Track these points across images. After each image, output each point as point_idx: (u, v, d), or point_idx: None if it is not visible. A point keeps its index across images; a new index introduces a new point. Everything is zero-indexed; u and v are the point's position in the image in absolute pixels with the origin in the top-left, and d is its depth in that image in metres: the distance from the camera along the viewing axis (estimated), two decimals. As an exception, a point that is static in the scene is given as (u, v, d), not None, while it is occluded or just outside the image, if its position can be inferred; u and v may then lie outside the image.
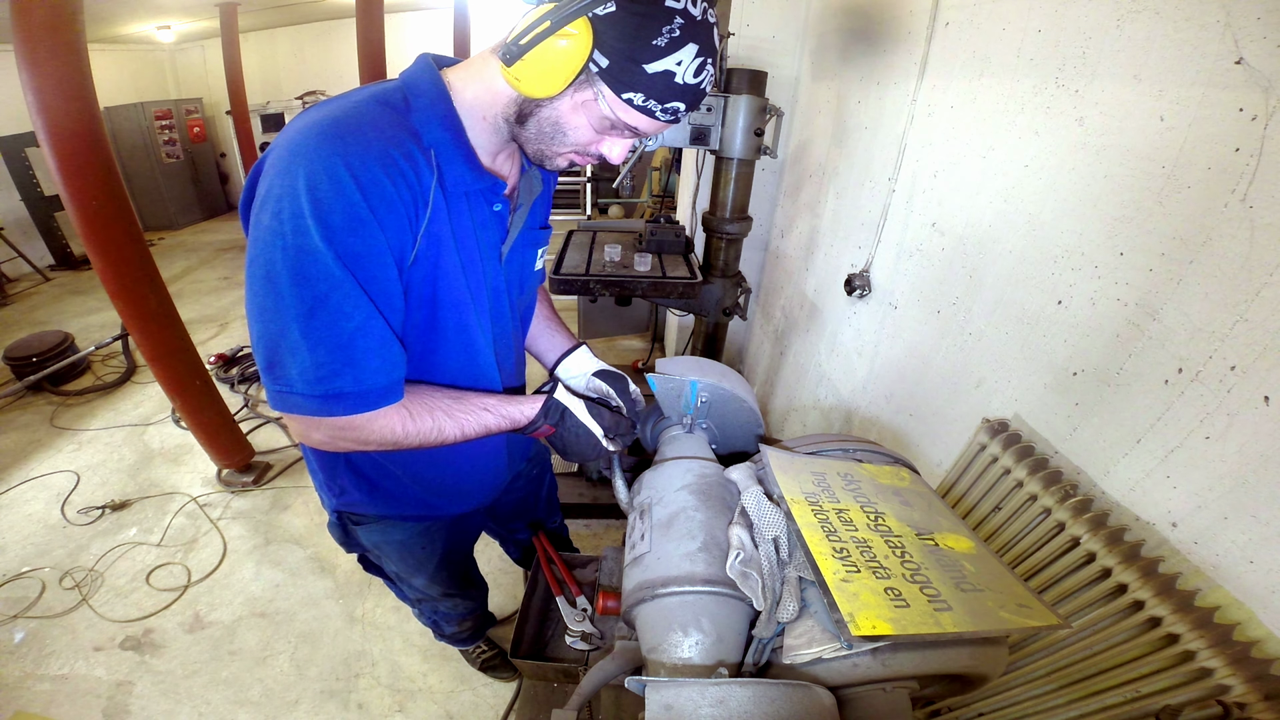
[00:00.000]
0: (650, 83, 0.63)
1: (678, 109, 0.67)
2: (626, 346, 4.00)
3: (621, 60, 0.62)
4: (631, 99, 0.65)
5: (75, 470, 2.72)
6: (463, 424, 0.82)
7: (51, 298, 4.77)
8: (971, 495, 1.25)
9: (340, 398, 0.68)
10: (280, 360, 0.66)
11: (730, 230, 1.92)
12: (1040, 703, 1.08)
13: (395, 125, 0.68)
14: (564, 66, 0.63)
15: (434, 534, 1.19)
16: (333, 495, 1.06)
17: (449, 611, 1.50)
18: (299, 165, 0.62)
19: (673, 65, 0.62)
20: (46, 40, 1.70)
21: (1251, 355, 0.80)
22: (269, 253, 0.63)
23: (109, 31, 5.67)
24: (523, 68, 0.64)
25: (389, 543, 1.16)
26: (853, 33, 2.00)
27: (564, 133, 0.71)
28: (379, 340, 0.69)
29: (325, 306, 0.64)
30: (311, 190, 0.61)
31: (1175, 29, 0.89)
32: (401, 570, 1.27)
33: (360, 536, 1.14)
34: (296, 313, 0.64)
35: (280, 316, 0.64)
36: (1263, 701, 0.76)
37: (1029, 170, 1.19)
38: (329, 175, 0.61)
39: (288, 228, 0.62)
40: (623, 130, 0.71)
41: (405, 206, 0.68)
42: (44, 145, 1.81)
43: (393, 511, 1.09)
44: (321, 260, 0.63)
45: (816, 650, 0.58)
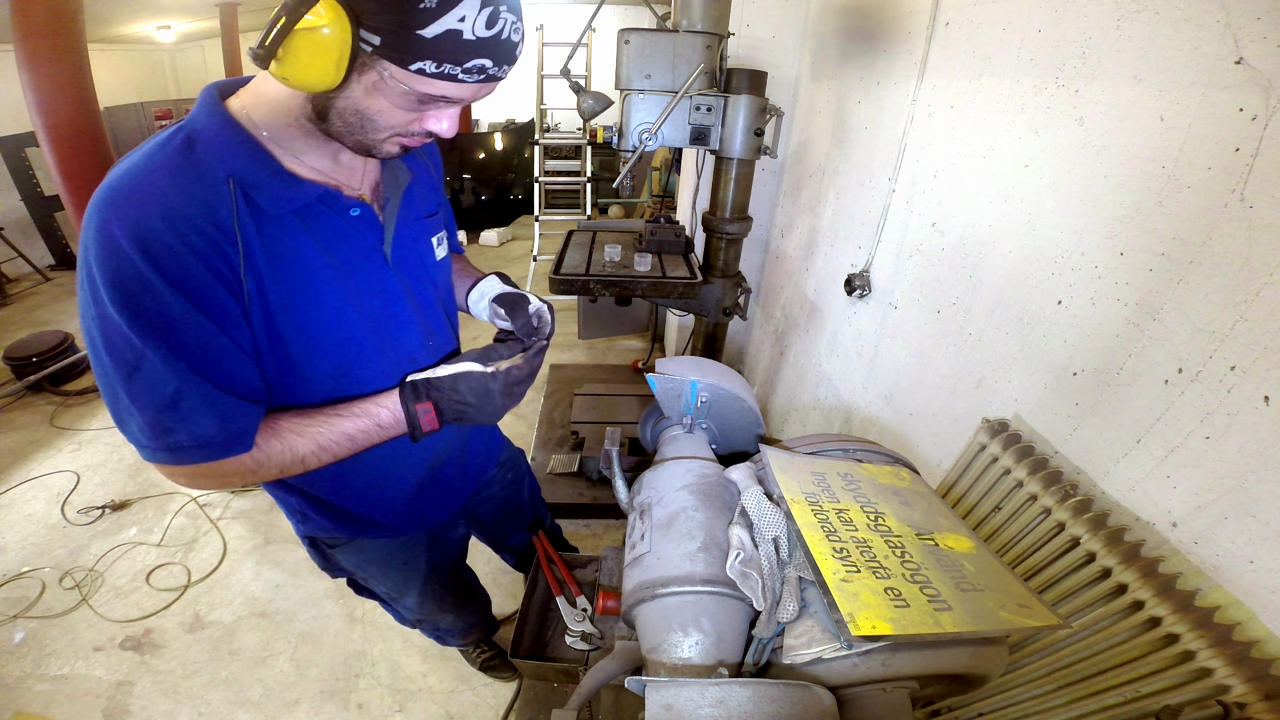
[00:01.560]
0: (436, 47, 0.58)
1: (484, 65, 0.61)
2: (626, 346, 4.00)
3: (395, 32, 0.57)
4: (423, 68, 0.59)
5: (75, 470, 2.72)
6: (316, 437, 0.77)
7: (51, 298, 4.77)
8: (971, 495, 1.25)
9: (181, 450, 0.68)
10: (122, 418, 0.68)
11: (730, 230, 1.92)
12: (1040, 703, 1.08)
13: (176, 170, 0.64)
14: (326, 54, 0.57)
15: (412, 549, 1.16)
16: (298, 522, 1.04)
17: (451, 627, 1.49)
18: (88, 237, 0.61)
19: (455, 23, 0.57)
20: (46, 40, 1.71)
21: (1251, 355, 0.80)
22: (85, 322, 0.64)
23: (109, 31, 5.67)
24: (284, 68, 0.59)
25: (368, 563, 1.14)
26: (853, 33, 2.00)
27: (370, 119, 0.66)
28: (203, 400, 0.67)
29: (139, 373, 0.64)
30: (98, 262, 0.60)
31: (1175, 29, 0.89)
32: (390, 590, 1.24)
33: (339, 560, 1.12)
34: (119, 378, 0.64)
35: (108, 380, 0.65)
36: (1263, 701, 0.76)
37: (1029, 170, 1.19)
38: (109, 245, 0.60)
39: (89, 297, 0.62)
40: (436, 101, 0.65)
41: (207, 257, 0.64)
42: (44, 145, 1.81)
43: (360, 531, 1.06)
44: (124, 331, 0.62)
45: (816, 650, 0.58)
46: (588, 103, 1.66)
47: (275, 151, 0.70)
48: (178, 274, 0.63)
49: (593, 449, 2.55)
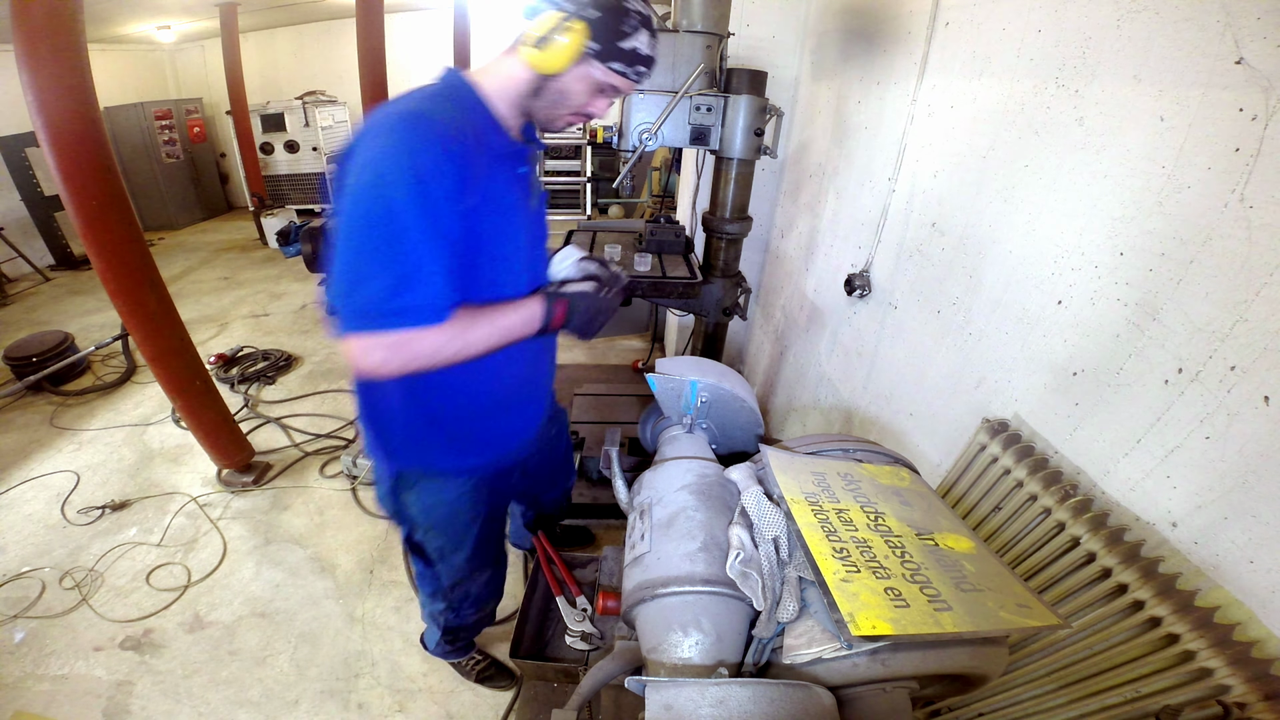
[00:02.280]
0: (625, 55, 0.93)
1: (642, 71, 0.97)
2: (626, 346, 4.00)
3: (608, 43, 0.91)
4: (613, 67, 0.94)
5: (75, 470, 2.72)
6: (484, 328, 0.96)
7: (51, 298, 4.77)
8: (971, 495, 1.25)
9: (404, 312, 0.84)
10: (360, 282, 0.83)
11: (730, 230, 1.91)
12: (1040, 703, 1.08)
13: (453, 113, 0.89)
14: (567, 51, 0.90)
15: (479, 492, 1.27)
16: (390, 460, 1.16)
17: (480, 591, 1.48)
18: (399, 139, 0.82)
19: (637, 42, 0.93)
20: (46, 40, 1.70)
21: (1251, 355, 0.80)
22: (366, 202, 0.82)
23: (109, 31, 5.67)
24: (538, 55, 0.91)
25: (440, 504, 1.23)
26: (853, 33, 2.00)
27: (568, 98, 0.97)
28: (441, 268, 0.86)
29: (403, 241, 0.82)
30: (411, 156, 0.81)
31: (1175, 29, 0.89)
32: (446, 543, 1.32)
33: (411, 504, 1.22)
34: (383, 244, 0.82)
35: (366, 246, 0.83)
36: (1263, 701, 0.76)
37: (1029, 170, 1.19)
38: (425, 147, 0.82)
39: (389, 180, 0.81)
40: (607, 91, 0.98)
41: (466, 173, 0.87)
42: (44, 145, 1.80)
43: (448, 463, 1.19)
44: (409, 207, 0.81)
45: (816, 650, 0.58)
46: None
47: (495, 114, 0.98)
48: (458, 177, 0.86)
49: (593, 449, 2.56)
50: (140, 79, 6.81)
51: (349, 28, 4.38)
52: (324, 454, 2.87)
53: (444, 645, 1.69)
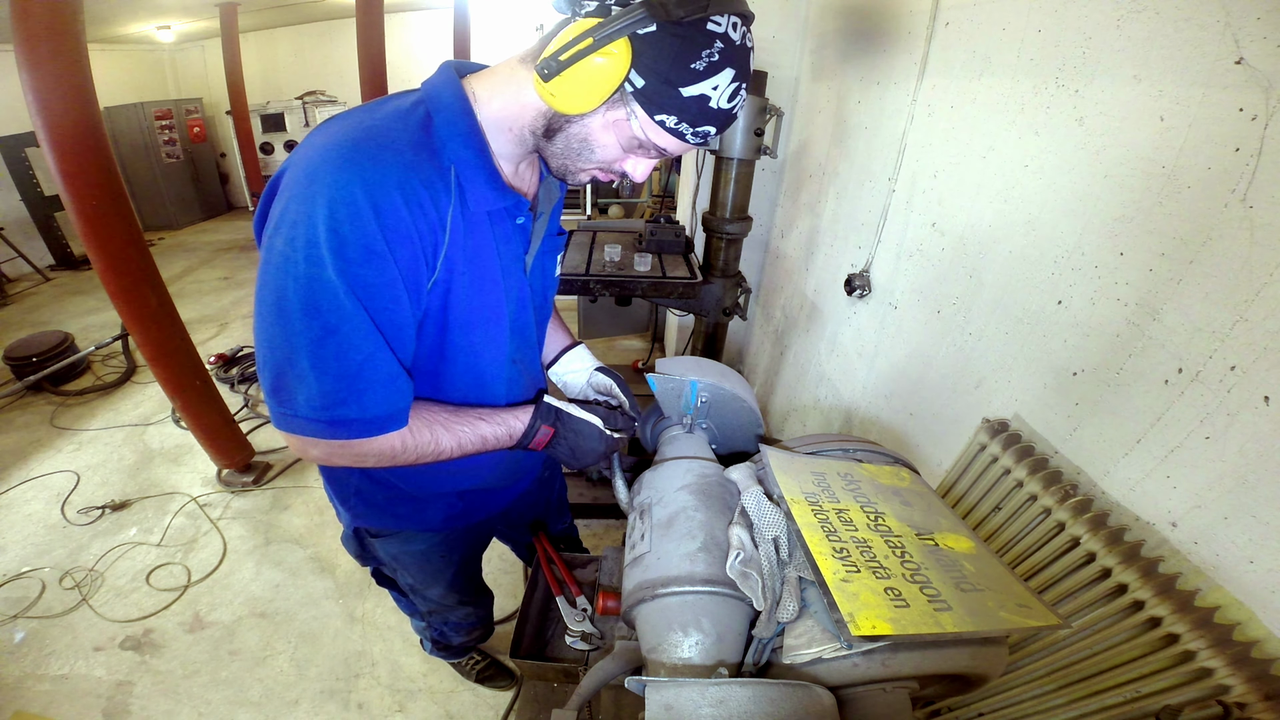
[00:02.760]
0: (684, 106, 0.62)
1: (708, 133, 0.66)
2: (626, 346, 4.00)
3: (658, 82, 0.61)
4: (664, 121, 0.64)
5: (75, 470, 2.72)
6: (459, 436, 0.81)
7: (51, 298, 4.77)
8: (971, 495, 1.25)
9: (345, 424, 0.67)
10: (287, 385, 0.65)
11: (730, 230, 1.92)
12: (1040, 703, 1.08)
13: (416, 145, 0.66)
14: (600, 85, 0.61)
15: (452, 543, 1.19)
16: (349, 511, 1.05)
17: (460, 621, 1.48)
18: (317, 191, 0.60)
19: (709, 89, 0.61)
20: (46, 40, 1.70)
21: (1251, 355, 0.80)
22: (280, 280, 0.61)
23: (109, 31, 5.67)
24: (559, 83, 0.62)
25: (408, 554, 1.15)
26: (853, 33, 2.00)
27: (592, 150, 0.70)
28: (386, 372, 0.68)
29: (335, 337, 0.63)
30: (329, 219, 0.59)
31: (1175, 29, 0.89)
32: (418, 582, 1.25)
33: (377, 550, 1.13)
34: (306, 341, 0.63)
35: (289, 344, 0.63)
36: (1263, 701, 0.76)
37: (1029, 170, 1.19)
38: (347, 204, 0.60)
39: (300, 255, 0.60)
40: (650, 150, 0.69)
41: (422, 236, 0.66)
42: (44, 145, 1.81)
43: (412, 526, 1.09)
44: (334, 292, 0.61)
45: (816, 650, 0.58)
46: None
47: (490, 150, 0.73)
48: (401, 248, 0.64)
49: (593, 449, 2.55)
50: (140, 79, 6.81)
51: (349, 28, 4.38)
52: (324, 454, 2.87)
53: (438, 651, 1.69)
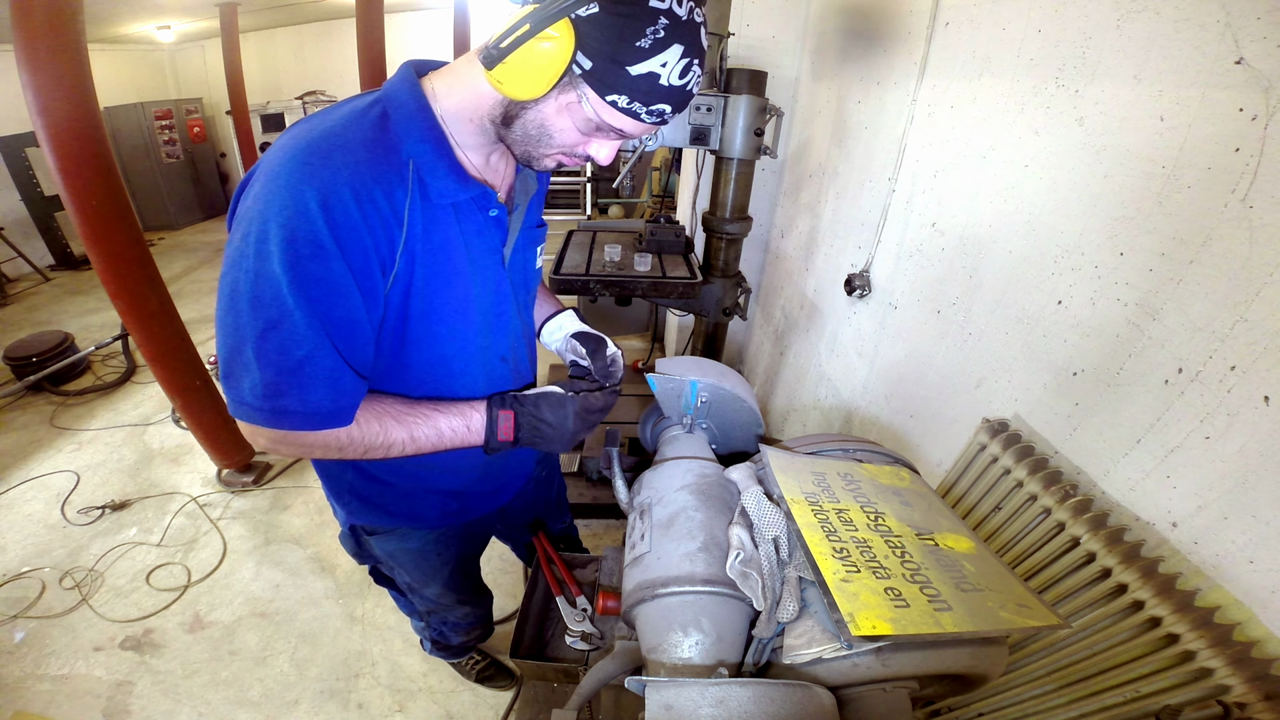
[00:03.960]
0: (634, 85, 0.63)
1: (664, 111, 0.67)
2: (626, 346, 4.00)
3: (604, 62, 0.61)
4: (615, 101, 0.64)
5: (75, 470, 2.72)
6: (411, 429, 0.80)
7: (51, 298, 4.77)
8: (971, 495, 1.25)
9: (285, 414, 0.69)
10: (234, 372, 0.68)
11: (730, 230, 1.91)
12: (1040, 703, 1.08)
13: (370, 143, 0.67)
14: (546, 69, 0.62)
15: (448, 540, 1.19)
16: (344, 507, 1.06)
17: (459, 621, 1.48)
18: (271, 191, 0.63)
19: (657, 67, 0.62)
20: (46, 40, 1.71)
21: (1251, 355, 0.80)
22: (234, 272, 0.64)
23: (109, 31, 5.67)
24: (504, 70, 0.63)
25: (404, 552, 1.15)
26: (853, 33, 2.00)
27: (550, 135, 0.71)
28: (327, 370, 0.69)
29: (277, 331, 0.65)
30: (278, 218, 0.62)
31: (1175, 29, 0.89)
32: (415, 580, 1.26)
33: (374, 548, 1.14)
34: (251, 333, 0.65)
35: (237, 333, 0.66)
36: (1263, 701, 0.76)
37: (1029, 170, 1.19)
38: (296, 205, 0.62)
39: (251, 250, 0.63)
40: (609, 132, 0.70)
41: (376, 234, 0.68)
42: (44, 145, 1.81)
43: (407, 523, 1.09)
44: (278, 287, 0.63)
45: (816, 650, 0.58)
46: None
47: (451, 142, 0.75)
48: (351, 245, 0.65)
49: (593, 449, 2.55)
50: (140, 79, 6.81)
51: (349, 28, 4.38)
52: (324, 454, 2.87)
53: (438, 651, 1.69)
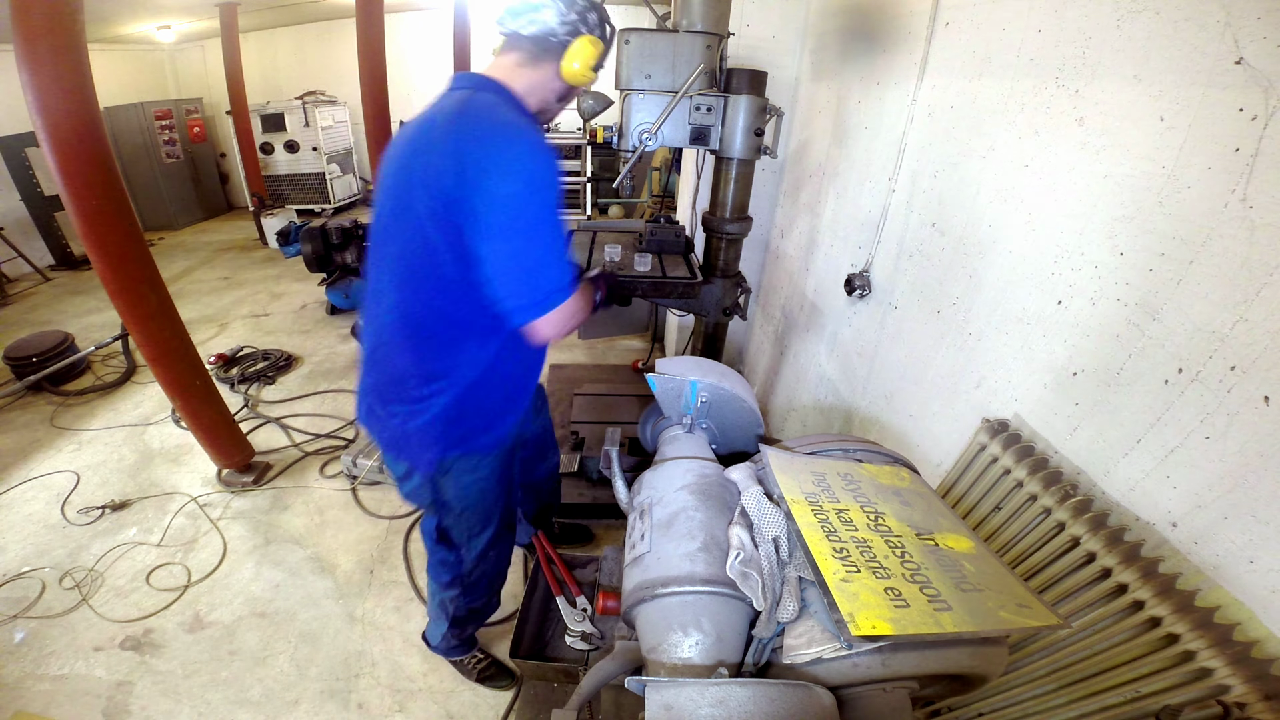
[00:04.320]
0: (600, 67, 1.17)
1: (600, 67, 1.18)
2: (626, 346, 4.00)
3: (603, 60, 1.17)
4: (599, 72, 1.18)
5: (75, 470, 2.72)
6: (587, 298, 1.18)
7: (51, 298, 4.77)
8: (971, 495, 1.25)
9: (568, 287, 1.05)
10: (541, 272, 1.01)
11: (730, 230, 1.91)
12: (1040, 703, 1.08)
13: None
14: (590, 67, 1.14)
15: (503, 464, 1.38)
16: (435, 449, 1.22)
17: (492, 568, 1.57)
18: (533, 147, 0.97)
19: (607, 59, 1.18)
20: (46, 40, 1.70)
21: (1251, 355, 0.80)
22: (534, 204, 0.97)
23: (109, 31, 5.67)
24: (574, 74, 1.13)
25: (475, 482, 1.33)
26: (853, 33, 2.00)
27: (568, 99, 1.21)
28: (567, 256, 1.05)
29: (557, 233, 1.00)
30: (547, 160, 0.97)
31: (1175, 29, 0.89)
32: (476, 522, 1.42)
33: (448, 489, 1.31)
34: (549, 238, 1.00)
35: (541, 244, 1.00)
36: (1263, 701, 0.76)
37: (1029, 170, 1.19)
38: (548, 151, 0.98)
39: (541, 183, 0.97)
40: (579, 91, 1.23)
41: None
42: (44, 145, 1.80)
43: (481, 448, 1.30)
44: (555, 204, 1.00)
45: (816, 650, 0.58)
46: (588, 103, 1.66)
47: None
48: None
49: (593, 449, 2.55)
50: (140, 79, 6.81)
51: (349, 28, 4.38)
52: (324, 454, 2.87)
53: (450, 639, 1.70)
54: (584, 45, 1.07)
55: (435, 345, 1.12)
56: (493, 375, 1.18)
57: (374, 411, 1.24)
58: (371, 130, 4.20)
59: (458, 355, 1.13)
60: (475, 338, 1.13)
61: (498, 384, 1.21)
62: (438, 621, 1.69)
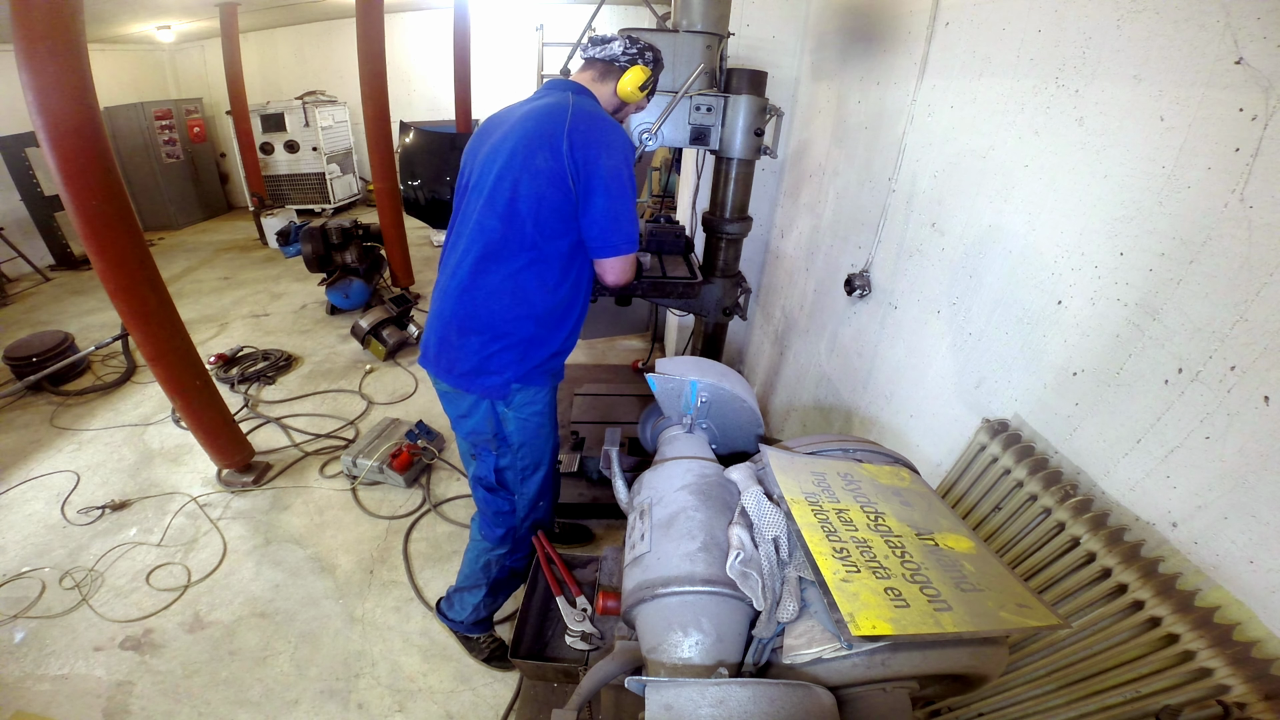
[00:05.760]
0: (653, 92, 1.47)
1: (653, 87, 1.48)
2: (626, 346, 4.00)
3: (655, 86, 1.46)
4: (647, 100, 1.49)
5: (75, 470, 2.72)
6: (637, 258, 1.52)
7: (51, 298, 4.77)
8: (971, 495, 1.25)
9: (636, 240, 1.38)
10: (627, 225, 1.33)
11: (730, 230, 1.91)
12: (1040, 703, 1.08)
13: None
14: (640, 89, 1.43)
15: (553, 401, 1.55)
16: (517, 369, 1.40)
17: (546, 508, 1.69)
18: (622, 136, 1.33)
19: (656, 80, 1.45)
20: (46, 40, 1.70)
21: (1251, 355, 0.80)
22: (623, 175, 1.28)
23: (109, 31, 5.68)
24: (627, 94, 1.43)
25: (535, 414, 1.49)
26: (853, 33, 2.00)
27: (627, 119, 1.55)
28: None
29: (633, 199, 1.31)
30: (630, 146, 1.34)
31: (1175, 29, 0.89)
32: (531, 461, 1.55)
33: (509, 420, 1.47)
34: (629, 201, 1.31)
35: (626, 203, 1.30)
36: (1262, 701, 0.76)
37: (1029, 170, 1.19)
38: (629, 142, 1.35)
39: (627, 162, 1.30)
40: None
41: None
42: (44, 145, 1.81)
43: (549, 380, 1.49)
44: (633, 178, 1.31)
45: (816, 650, 0.58)
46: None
47: None
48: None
49: (593, 449, 2.55)
50: (140, 79, 6.81)
51: (349, 28, 4.38)
52: (324, 454, 2.87)
53: (480, 610, 1.77)
54: (636, 72, 1.39)
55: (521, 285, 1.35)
56: (562, 312, 1.41)
57: (448, 342, 1.42)
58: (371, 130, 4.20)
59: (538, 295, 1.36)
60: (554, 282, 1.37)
61: (563, 319, 1.44)
62: (473, 590, 1.75)
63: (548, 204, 1.28)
